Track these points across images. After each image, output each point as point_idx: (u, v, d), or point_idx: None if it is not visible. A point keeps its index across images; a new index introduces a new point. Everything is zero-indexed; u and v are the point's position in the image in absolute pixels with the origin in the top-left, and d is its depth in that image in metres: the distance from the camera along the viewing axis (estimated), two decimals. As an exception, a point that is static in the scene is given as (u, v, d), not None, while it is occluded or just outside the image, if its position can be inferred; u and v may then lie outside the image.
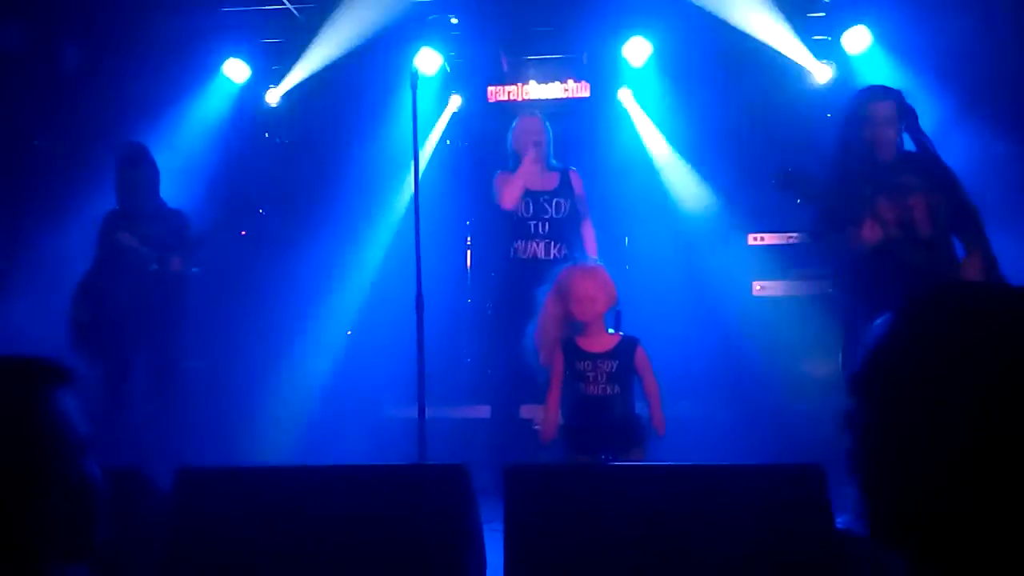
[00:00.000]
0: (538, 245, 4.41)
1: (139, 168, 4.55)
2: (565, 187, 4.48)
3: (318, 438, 4.76)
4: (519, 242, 4.43)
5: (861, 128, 3.71)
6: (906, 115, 3.72)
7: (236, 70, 5.83)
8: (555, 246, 4.38)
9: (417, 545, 2.23)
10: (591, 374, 3.31)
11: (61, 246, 4.98)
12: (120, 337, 4.40)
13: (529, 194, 4.41)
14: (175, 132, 5.52)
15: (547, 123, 4.57)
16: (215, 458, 4.13)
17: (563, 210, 4.43)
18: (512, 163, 4.52)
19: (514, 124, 4.59)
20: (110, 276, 4.48)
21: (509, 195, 4.38)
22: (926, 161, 3.74)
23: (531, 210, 4.41)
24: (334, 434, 4.83)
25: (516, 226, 4.43)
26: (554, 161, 4.55)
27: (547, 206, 4.42)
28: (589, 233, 4.51)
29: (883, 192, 3.66)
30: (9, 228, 5.21)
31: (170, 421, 4.39)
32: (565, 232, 4.43)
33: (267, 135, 6.14)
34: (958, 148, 4.10)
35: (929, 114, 4.13)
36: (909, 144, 3.76)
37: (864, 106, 3.73)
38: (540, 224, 4.42)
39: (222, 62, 5.80)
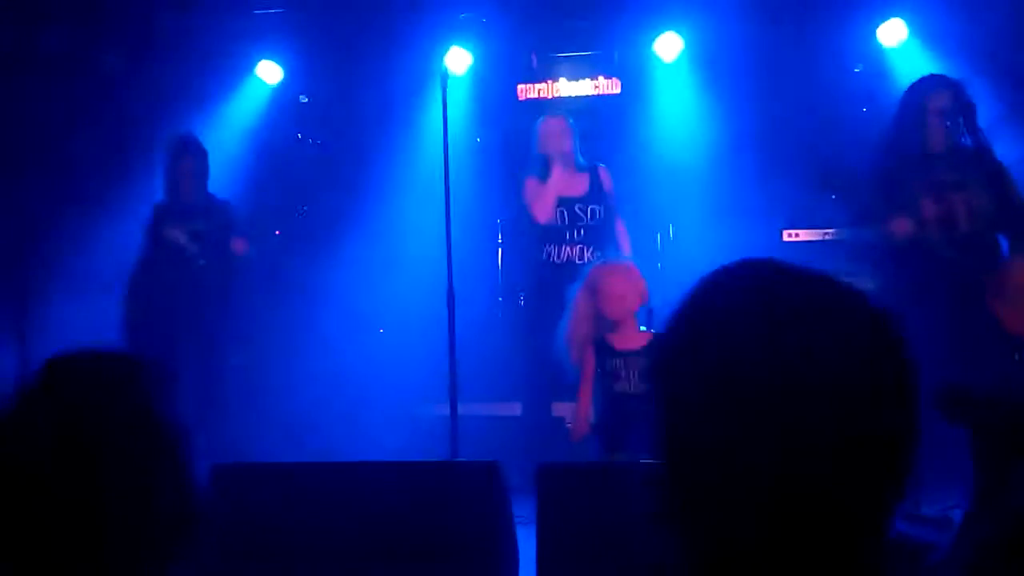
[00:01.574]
0: (572, 249, 4.38)
1: (188, 160, 4.58)
2: (596, 190, 4.44)
3: (351, 435, 4.79)
4: (552, 246, 4.41)
5: (914, 116, 3.65)
6: (964, 108, 3.64)
7: (269, 71, 5.89)
8: (588, 250, 4.35)
9: (450, 541, 2.24)
10: (623, 372, 3.30)
11: (98, 248, 5.05)
12: (168, 333, 4.44)
13: (562, 202, 4.37)
14: (209, 134, 5.57)
15: (571, 122, 4.51)
16: (251, 455, 4.18)
17: (597, 216, 4.40)
18: (539, 166, 4.49)
19: (538, 126, 4.54)
20: (158, 273, 4.52)
21: (542, 211, 4.35)
22: (978, 156, 3.66)
23: (566, 219, 4.38)
24: (367, 431, 4.85)
25: (550, 232, 4.41)
26: (582, 160, 4.51)
27: (581, 213, 4.39)
28: (621, 231, 4.49)
29: (928, 188, 3.60)
30: (46, 230, 5.30)
31: (211, 417, 4.43)
32: (599, 236, 4.41)
33: (299, 136, 6.18)
34: (997, 143, 4.01)
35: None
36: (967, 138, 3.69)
37: (919, 94, 3.68)
38: (575, 231, 4.39)
39: (255, 64, 5.85)
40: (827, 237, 5.09)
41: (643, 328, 3.45)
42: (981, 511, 1.34)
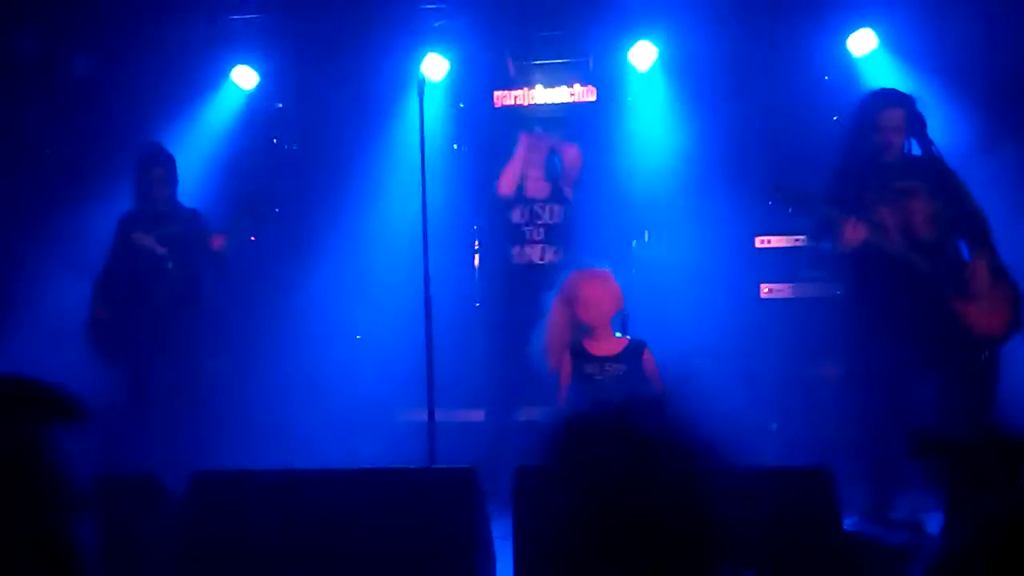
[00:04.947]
0: (533, 250, 4.59)
1: (157, 168, 4.59)
2: (558, 193, 4.67)
3: (329, 442, 4.78)
4: (515, 247, 4.61)
5: (869, 133, 3.72)
6: (915, 122, 3.73)
7: (244, 77, 5.86)
8: (550, 250, 4.55)
9: (427, 546, 2.25)
10: (599, 377, 3.34)
11: (71, 254, 5.01)
12: (138, 338, 4.41)
13: (525, 201, 4.62)
14: (185, 139, 5.54)
15: (553, 141, 4.75)
16: (227, 461, 4.16)
17: (557, 216, 4.62)
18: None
19: (519, 135, 4.73)
20: (127, 277, 4.51)
21: (504, 181, 4.60)
22: (931, 165, 3.74)
23: (526, 216, 4.61)
24: (344, 438, 4.85)
25: (512, 232, 4.62)
26: (552, 171, 4.71)
27: (541, 212, 4.63)
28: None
29: (884, 197, 3.67)
30: (20, 236, 5.24)
31: (186, 423, 4.40)
32: (560, 237, 4.60)
33: (275, 140, 6.16)
34: (963, 151, 4.10)
35: (935, 117, 4.13)
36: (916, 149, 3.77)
37: (873, 112, 3.74)
38: (535, 230, 4.60)
39: (230, 69, 5.83)
40: (798, 243, 5.16)
41: (618, 334, 3.49)
42: (950, 531, 1.41)
